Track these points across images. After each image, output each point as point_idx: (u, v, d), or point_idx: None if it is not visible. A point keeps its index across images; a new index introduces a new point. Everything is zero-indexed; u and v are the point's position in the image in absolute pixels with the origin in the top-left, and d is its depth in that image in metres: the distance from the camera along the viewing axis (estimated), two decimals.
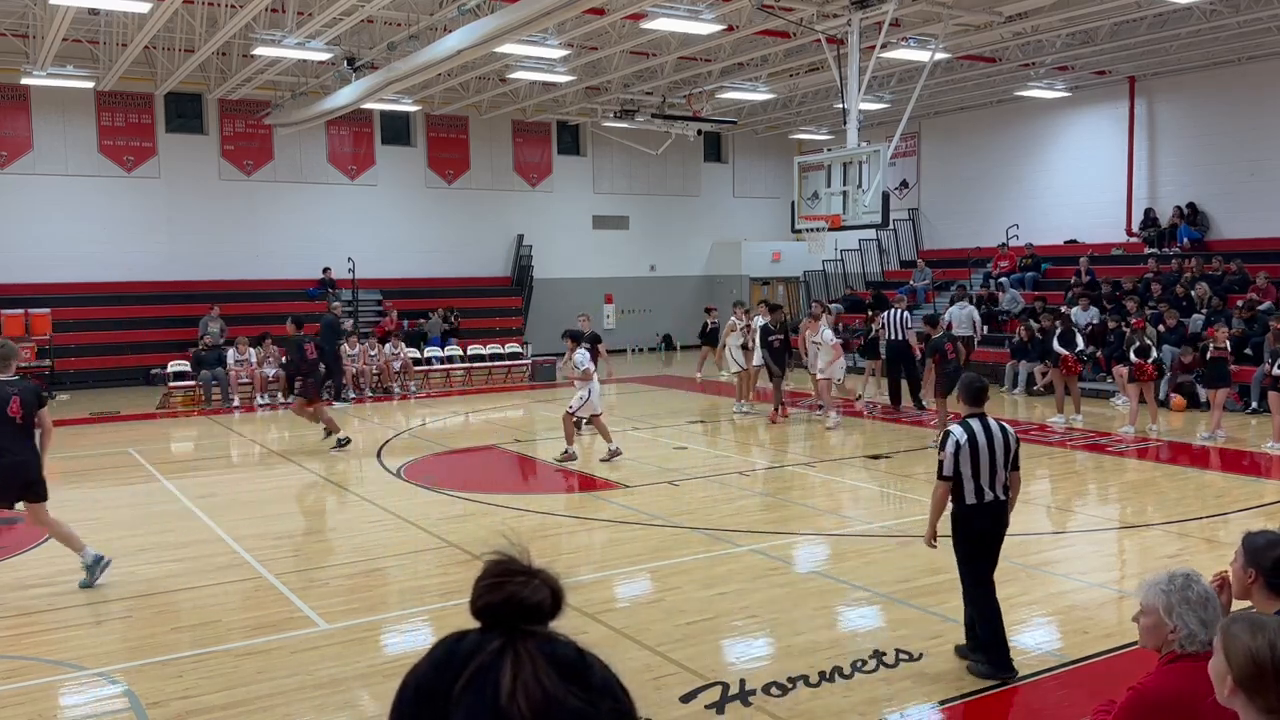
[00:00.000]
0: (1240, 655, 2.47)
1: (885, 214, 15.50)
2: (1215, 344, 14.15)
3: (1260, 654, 2.44)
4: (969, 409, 6.03)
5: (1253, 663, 2.44)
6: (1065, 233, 24.20)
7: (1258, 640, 2.46)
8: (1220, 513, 9.90)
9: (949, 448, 5.82)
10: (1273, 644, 2.44)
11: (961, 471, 5.80)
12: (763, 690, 5.62)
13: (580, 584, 7.64)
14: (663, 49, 19.72)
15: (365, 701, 5.65)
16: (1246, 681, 2.45)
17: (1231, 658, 2.48)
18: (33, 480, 7.55)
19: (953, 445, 5.81)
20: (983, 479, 5.82)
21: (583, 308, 28.11)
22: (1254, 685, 2.44)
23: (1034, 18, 17.20)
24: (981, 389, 6.06)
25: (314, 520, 9.94)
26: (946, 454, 5.82)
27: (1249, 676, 2.44)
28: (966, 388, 6.09)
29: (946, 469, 5.83)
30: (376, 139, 25.68)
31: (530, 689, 1.33)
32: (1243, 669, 2.45)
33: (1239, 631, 2.50)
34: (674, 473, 12.04)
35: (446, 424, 16.78)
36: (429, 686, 1.46)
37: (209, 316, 21.22)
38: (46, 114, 21.81)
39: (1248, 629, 2.50)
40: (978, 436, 5.83)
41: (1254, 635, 2.47)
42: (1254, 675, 2.44)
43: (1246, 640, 2.47)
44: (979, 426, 5.89)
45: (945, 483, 5.87)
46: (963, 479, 5.82)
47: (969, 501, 5.86)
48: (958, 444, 5.80)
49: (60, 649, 6.55)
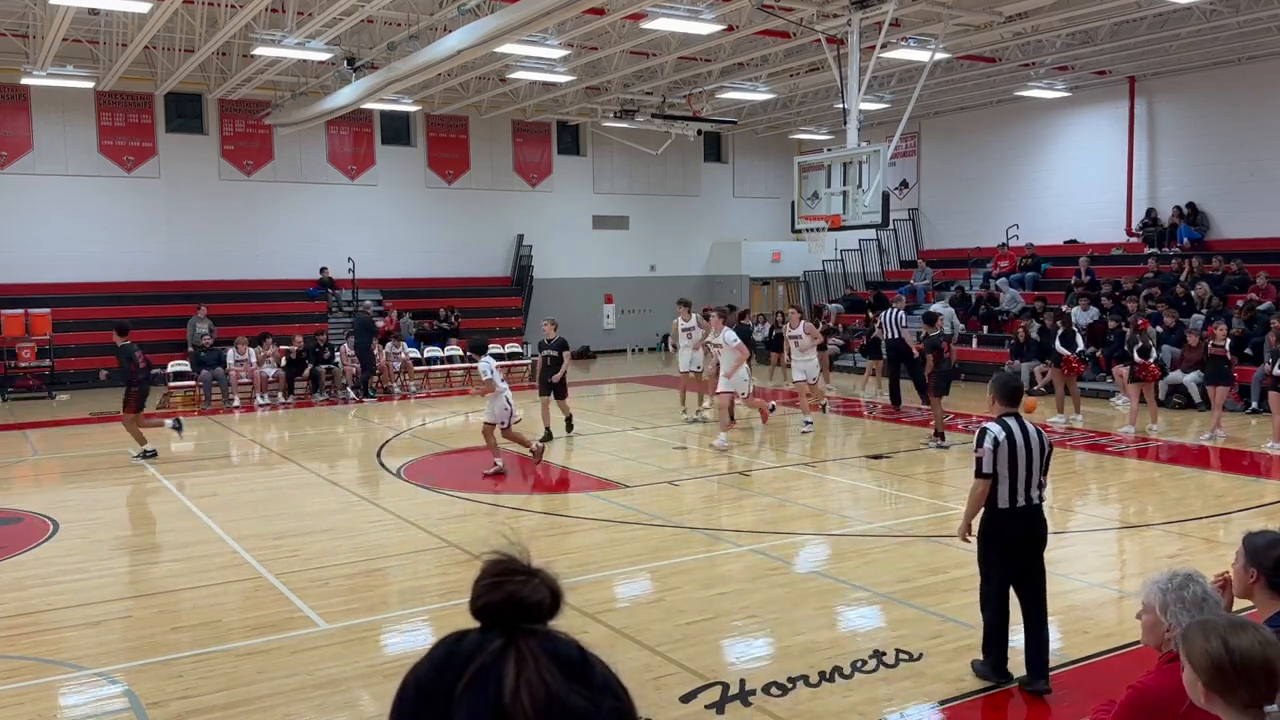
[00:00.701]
0: (1200, 660, 2.50)
1: (885, 214, 15.50)
2: (1214, 342, 14.15)
3: (1217, 655, 2.47)
4: (1005, 408, 5.78)
5: (1213, 665, 2.47)
6: (1065, 233, 24.20)
7: (1211, 642, 2.49)
8: (1220, 513, 9.90)
9: (987, 444, 5.56)
10: (1225, 641, 2.47)
11: (999, 472, 5.56)
12: (763, 690, 5.62)
13: (580, 584, 7.64)
14: (663, 49, 19.72)
15: (365, 701, 5.64)
16: (1214, 684, 2.48)
17: (1195, 664, 2.52)
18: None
19: (990, 442, 5.57)
20: (1019, 481, 5.58)
21: (583, 307, 28.30)
22: (1221, 686, 2.47)
23: (1034, 18, 17.20)
24: (1018, 388, 5.88)
25: (314, 520, 9.94)
26: (985, 450, 5.56)
27: (1214, 679, 2.47)
28: (1003, 386, 5.86)
29: (986, 466, 5.56)
30: (376, 139, 25.68)
31: (534, 687, 1.33)
32: (1206, 672, 2.48)
33: (1194, 638, 2.54)
34: (674, 473, 12.04)
35: (446, 424, 16.78)
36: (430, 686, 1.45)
37: (196, 317, 21.09)
38: (46, 114, 21.81)
39: (1200, 633, 2.54)
40: (1016, 436, 5.60)
41: (1207, 638, 2.51)
42: (1218, 676, 2.47)
43: (1201, 644, 2.50)
44: (1016, 426, 5.66)
45: (985, 480, 5.58)
46: (998, 480, 5.56)
47: (1002, 506, 5.59)
48: (996, 441, 5.56)
49: (60, 649, 6.55)
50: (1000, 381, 5.90)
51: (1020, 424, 5.67)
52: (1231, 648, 2.46)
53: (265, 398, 19.23)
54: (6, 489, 11.87)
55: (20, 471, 13.11)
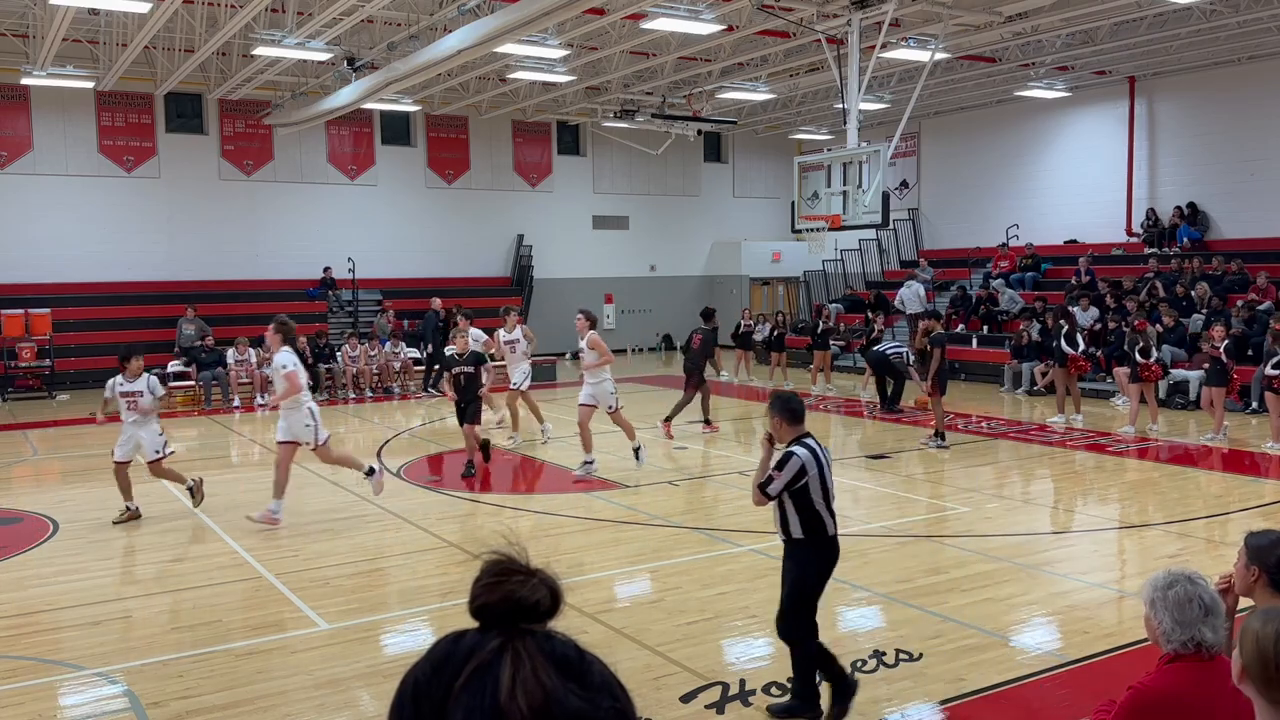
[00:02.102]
0: (1248, 641, 2.48)
1: (885, 214, 15.50)
2: (1212, 343, 14.15)
3: (1264, 641, 2.45)
4: (794, 429, 5.31)
5: (1256, 648, 2.45)
6: (1065, 233, 24.20)
7: (1266, 628, 2.47)
8: (1220, 513, 9.90)
9: (788, 469, 5.15)
10: (1278, 633, 2.44)
11: (814, 501, 5.22)
12: (763, 690, 5.62)
13: (580, 584, 7.64)
14: (663, 49, 19.72)
15: (365, 701, 5.64)
16: (1252, 667, 2.46)
17: (1242, 644, 2.50)
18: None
19: (795, 466, 5.15)
20: (833, 504, 5.35)
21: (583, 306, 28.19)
22: (1258, 672, 2.45)
23: (1034, 18, 17.20)
24: (801, 408, 5.37)
25: (314, 520, 9.93)
26: (785, 474, 5.15)
27: (1254, 662, 2.46)
28: (785, 405, 5.33)
29: (775, 488, 5.18)
30: (376, 139, 25.68)
31: (530, 687, 1.33)
32: (1249, 654, 2.47)
33: (1252, 619, 2.52)
34: (674, 473, 12.03)
35: (447, 424, 16.76)
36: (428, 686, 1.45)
37: (184, 319, 20.90)
38: (46, 114, 21.81)
39: (1260, 617, 2.52)
40: (821, 458, 5.27)
41: (1264, 623, 2.49)
42: (1258, 661, 2.45)
43: (1257, 627, 2.48)
44: (817, 447, 5.31)
45: (766, 500, 5.26)
46: (817, 509, 5.24)
47: (831, 533, 5.34)
48: (803, 467, 5.16)
49: (60, 649, 6.55)
50: (783, 401, 5.36)
51: (819, 445, 5.34)
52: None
53: (265, 398, 19.21)
54: (6, 489, 11.88)
55: (20, 471, 13.11)
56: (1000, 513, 9.93)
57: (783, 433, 5.34)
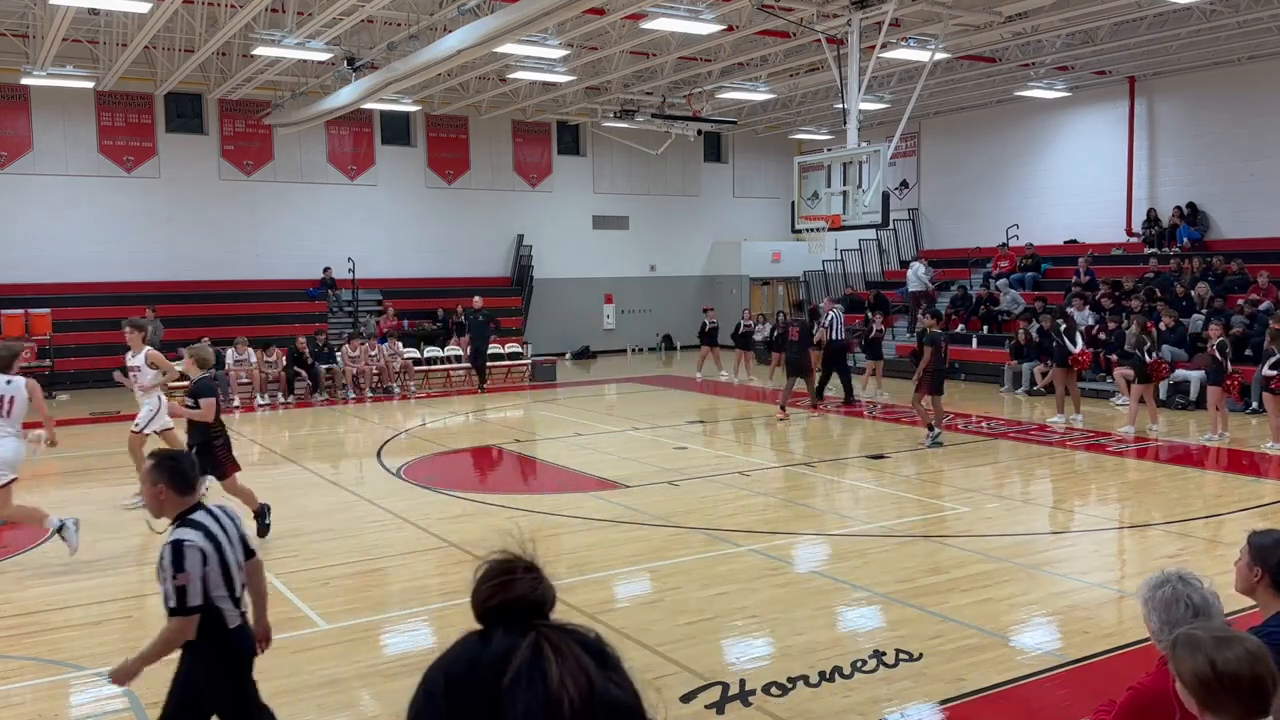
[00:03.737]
0: (1189, 678, 2.50)
1: (885, 214, 15.51)
2: (1210, 344, 14.14)
3: (1203, 673, 2.46)
4: (183, 498, 4.06)
5: (1199, 683, 2.47)
6: (1065, 233, 24.20)
7: (1197, 660, 2.48)
8: (1220, 513, 9.90)
9: (192, 565, 3.88)
10: (1211, 660, 2.46)
11: (213, 593, 3.97)
12: (763, 690, 5.62)
13: (580, 584, 7.64)
14: (663, 49, 19.72)
15: (365, 701, 5.64)
16: (1204, 700, 2.47)
17: (1185, 681, 2.51)
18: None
19: (197, 559, 3.90)
20: (236, 588, 4.12)
21: (583, 307, 28.31)
22: (1212, 702, 2.46)
23: (1034, 18, 17.20)
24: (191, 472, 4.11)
25: (314, 520, 9.93)
26: (190, 575, 3.88)
27: (1204, 696, 2.47)
28: (174, 470, 4.05)
29: (194, 598, 3.90)
30: (376, 139, 25.68)
31: (575, 676, 1.41)
32: (1195, 690, 2.48)
33: (1181, 655, 2.54)
34: (674, 473, 12.04)
35: (447, 424, 16.78)
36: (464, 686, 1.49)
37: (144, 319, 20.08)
38: (46, 114, 21.81)
39: (1186, 650, 2.53)
40: (218, 535, 4.03)
41: (1193, 655, 2.50)
42: (1207, 693, 2.46)
43: (1189, 663, 2.50)
44: (211, 520, 4.05)
45: (192, 618, 3.93)
46: (215, 599, 3.99)
47: (233, 626, 4.11)
48: (203, 555, 3.92)
49: (60, 649, 6.55)
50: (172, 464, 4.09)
51: (213, 515, 4.10)
52: (1218, 664, 2.44)
53: (265, 398, 19.23)
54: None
55: (20, 471, 13.08)
56: (1000, 513, 9.93)
57: (167, 506, 4.08)
